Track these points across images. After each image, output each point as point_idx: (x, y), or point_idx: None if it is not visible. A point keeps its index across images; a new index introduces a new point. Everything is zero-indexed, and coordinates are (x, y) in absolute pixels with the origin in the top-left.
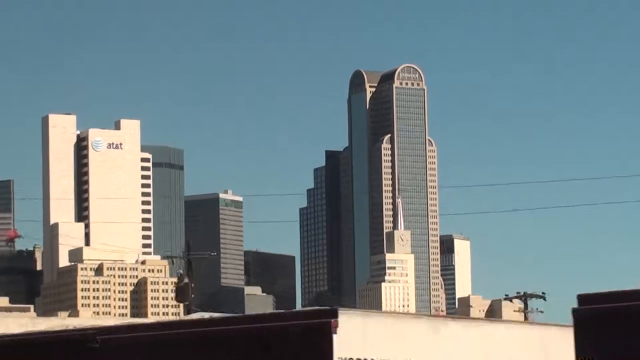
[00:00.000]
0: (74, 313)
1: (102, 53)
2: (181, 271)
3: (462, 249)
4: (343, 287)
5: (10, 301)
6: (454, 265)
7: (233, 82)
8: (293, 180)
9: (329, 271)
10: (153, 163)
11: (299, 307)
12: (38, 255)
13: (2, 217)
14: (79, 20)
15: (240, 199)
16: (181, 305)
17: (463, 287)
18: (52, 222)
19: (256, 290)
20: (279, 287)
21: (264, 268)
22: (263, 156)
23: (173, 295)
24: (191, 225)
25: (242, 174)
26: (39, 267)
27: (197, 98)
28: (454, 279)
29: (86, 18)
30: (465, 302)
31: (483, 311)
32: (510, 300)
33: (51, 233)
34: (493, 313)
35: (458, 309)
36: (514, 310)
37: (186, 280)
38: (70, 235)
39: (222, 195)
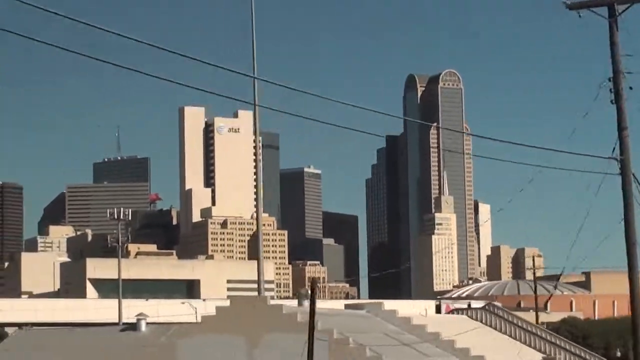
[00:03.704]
0: (210, 257)
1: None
2: None
3: (485, 211)
4: (400, 239)
5: (157, 247)
6: (478, 223)
7: (316, 84)
8: (361, 158)
9: (389, 226)
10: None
11: (363, 255)
12: (173, 214)
13: (141, 185)
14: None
15: (319, 172)
16: None
17: (485, 239)
18: (186, 188)
19: (330, 241)
20: (347, 239)
21: (336, 225)
22: (338, 140)
23: (281, 243)
24: (284, 191)
25: (322, 154)
26: (174, 222)
27: (289, 95)
28: (479, 233)
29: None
30: (496, 250)
31: (510, 256)
32: None
33: (186, 196)
34: (517, 259)
35: (491, 255)
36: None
37: None
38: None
39: (306, 169)
